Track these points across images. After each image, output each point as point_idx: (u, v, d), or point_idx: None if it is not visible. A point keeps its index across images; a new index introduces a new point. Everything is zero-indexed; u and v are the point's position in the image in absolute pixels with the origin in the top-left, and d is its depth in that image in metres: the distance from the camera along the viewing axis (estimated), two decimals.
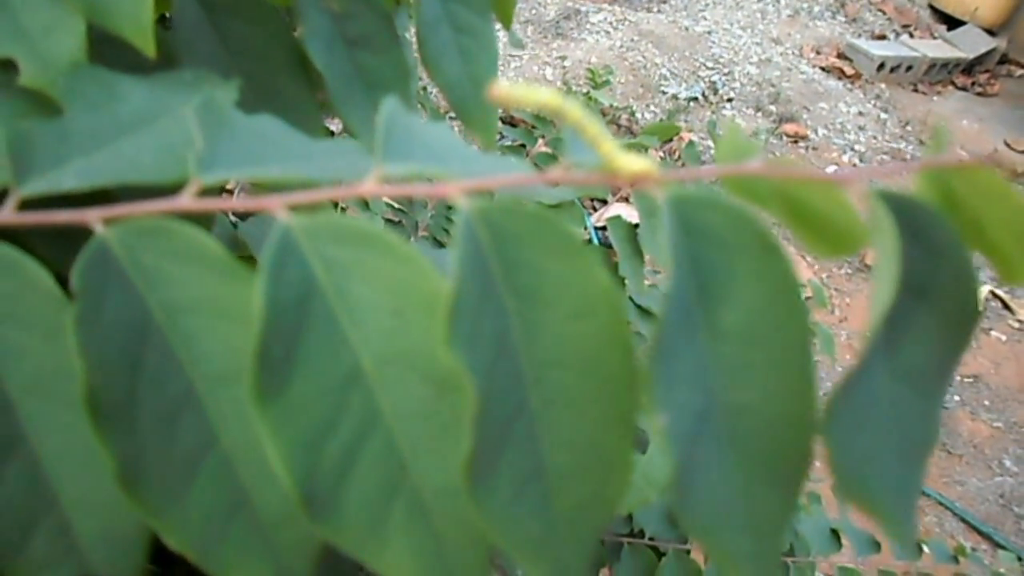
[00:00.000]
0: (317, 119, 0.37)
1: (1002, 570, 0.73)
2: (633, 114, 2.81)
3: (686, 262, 0.18)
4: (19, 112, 0.25)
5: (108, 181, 0.22)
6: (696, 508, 0.19)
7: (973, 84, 3.31)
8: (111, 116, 0.24)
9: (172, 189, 0.22)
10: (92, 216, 0.21)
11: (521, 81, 2.90)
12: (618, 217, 0.85)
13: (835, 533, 0.72)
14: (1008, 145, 2.98)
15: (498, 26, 0.45)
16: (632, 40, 3.26)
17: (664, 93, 3.02)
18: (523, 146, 1.21)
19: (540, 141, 1.19)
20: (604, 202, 2.27)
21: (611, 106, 2.82)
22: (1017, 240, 0.20)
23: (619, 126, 2.79)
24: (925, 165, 0.21)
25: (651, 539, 0.65)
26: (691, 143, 0.93)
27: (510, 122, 2.68)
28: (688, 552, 0.65)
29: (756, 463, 0.19)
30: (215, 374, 0.21)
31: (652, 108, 2.93)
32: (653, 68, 3.13)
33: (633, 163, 0.17)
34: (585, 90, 2.82)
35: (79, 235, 0.21)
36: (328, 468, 0.20)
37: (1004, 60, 3.44)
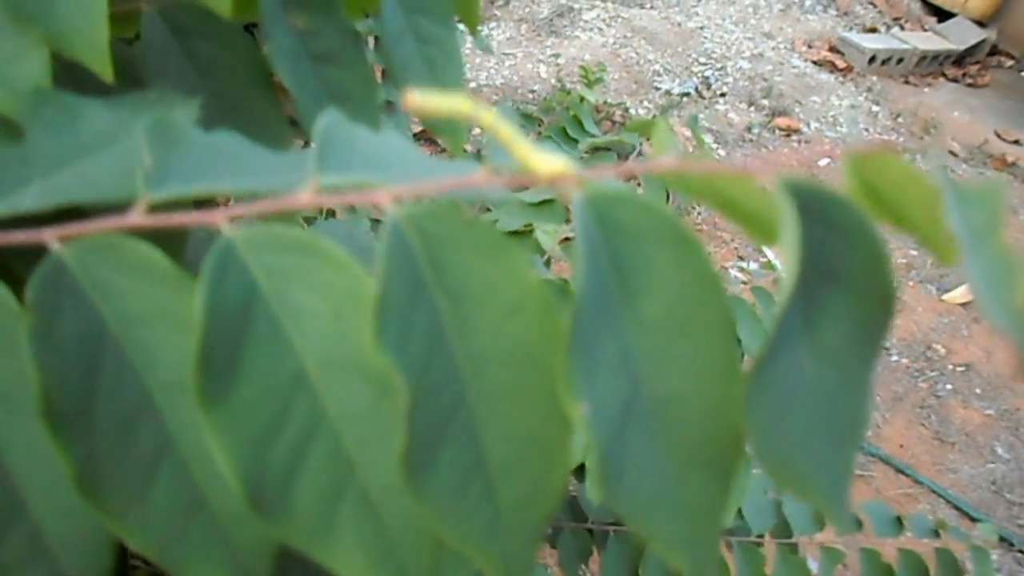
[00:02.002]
0: (286, 134, 0.37)
1: (980, 543, 0.73)
2: (627, 110, 2.81)
3: (603, 255, 0.19)
4: None
5: (64, 201, 0.22)
6: (628, 495, 0.19)
7: (964, 75, 3.29)
8: (73, 138, 0.25)
9: (127, 206, 0.22)
10: (48, 235, 0.21)
11: (516, 79, 2.90)
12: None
13: (818, 512, 0.72)
14: (998, 135, 2.96)
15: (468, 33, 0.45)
16: (625, 37, 3.26)
17: (657, 89, 3.02)
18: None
19: (530, 138, 1.20)
20: None
21: (605, 103, 2.82)
22: (932, 222, 0.20)
23: (613, 122, 2.79)
24: (845, 154, 0.21)
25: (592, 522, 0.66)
26: (671, 138, 0.94)
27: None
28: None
29: (686, 449, 0.20)
30: (170, 382, 0.22)
31: (646, 104, 2.93)
32: (646, 64, 3.14)
33: (549, 164, 0.18)
34: (579, 87, 2.82)
35: (42, 253, 0.21)
36: (275, 468, 0.20)
37: (994, 51, 3.42)
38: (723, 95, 3.03)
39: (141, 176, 0.22)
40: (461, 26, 0.45)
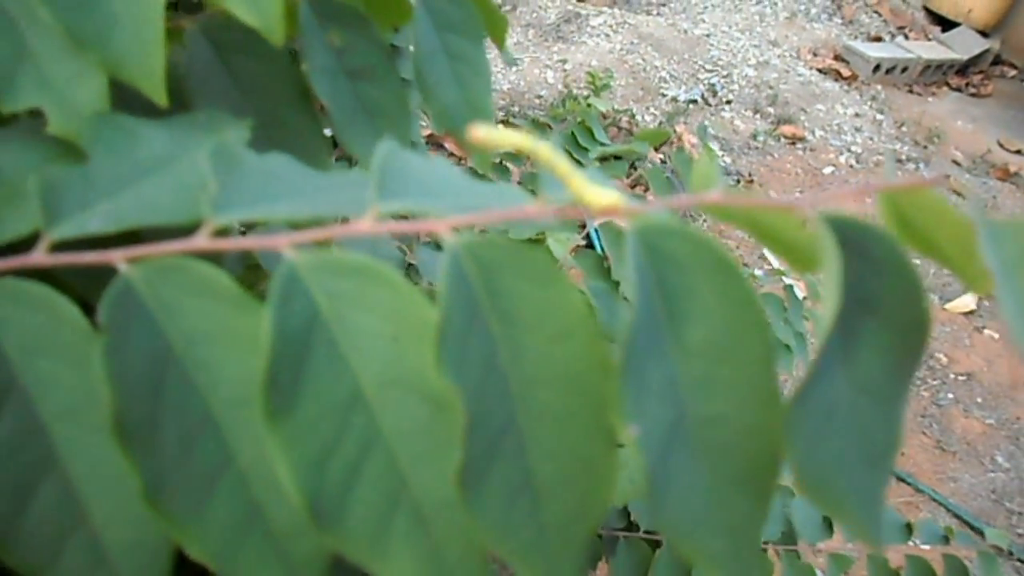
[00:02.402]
0: (324, 149, 0.38)
1: (990, 549, 0.74)
2: (633, 116, 2.82)
3: (652, 285, 0.20)
4: (47, 158, 0.27)
5: (130, 224, 0.23)
6: (671, 513, 0.20)
7: (967, 85, 3.30)
8: (132, 160, 0.26)
9: (189, 229, 0.23)
10: (116, 256, 0.22)
11: (523, 84, 2.90)
12: (609, 223, 0.87)
13: (827, 520, 0.73)
14: (1001, 145, 2.97)
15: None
16: (632, 43, 3.27)
17: (664, 96, 3.03)
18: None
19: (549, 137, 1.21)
20: None
21: (612, 109, 2.83)
22: (966, 253, 0.21)
23: (619, 128, 2.80)
24: (881, 189, 0.22)
25: (646, 532, 0.66)
26: (681, 149, 0.94)
27: (514, 124, 2.70)
28: None
29: (727, 469, 0.21)
30: (230, 399, 0.22)
31: (652, 111, 2.94)
32: (653, 71, 3.14)
33: (602, 197, 0.19)
34: (586, 93, 2.83)
35: (105, 272, 0.22)
36: (333, 483, 0.21)
37: (997, 61, 3.43)
38: (729, 102, 3.04)
39: (207, 202, 0.23)
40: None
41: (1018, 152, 2.95)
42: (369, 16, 0.39)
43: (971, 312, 2.28)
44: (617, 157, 1.18)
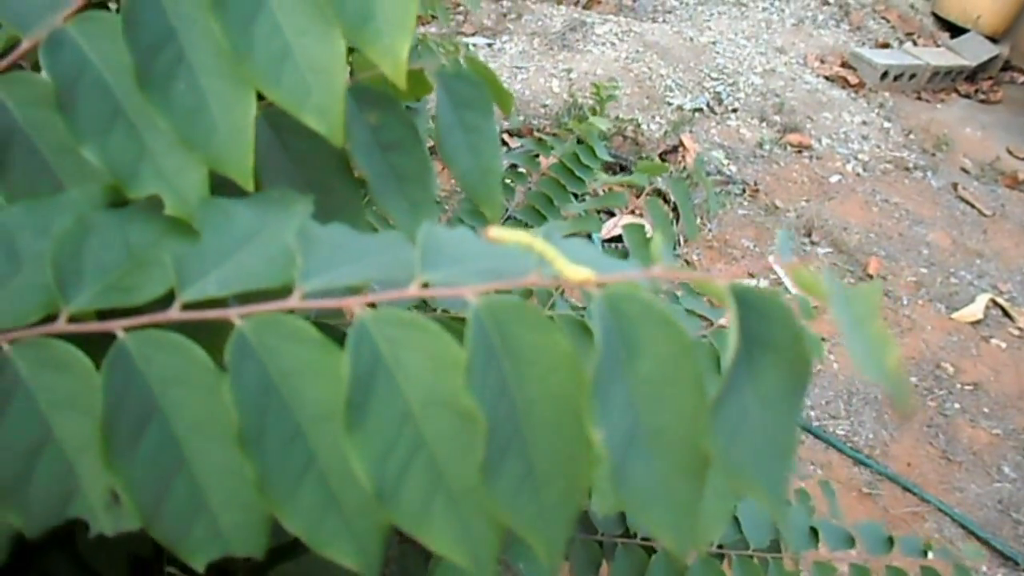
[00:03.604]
0: (361, 211, 0.48)
1: (967, 563, 0.83)
2: (639, 126, 2.92)
3: (613, 332, 0.29)
4: (163, 233, 0.37)
5: (235, 289, 0.33)
6: (630, 494, 0.30)
7: (976, 91, 3.40)
8: (230, 234, 0.36)
9: (280, 292, 0.33)
10: (232, 313, 0.32)
11: (528, 93, 3.00)
12: (634, 224, 0.96)
13: (813, 530, 0.82)
14: (1010, 152, 3.07)
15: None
16: (637, 51, 3.38)
17: (669, 104, 3.13)
18: (535, 155, 1.33)
19: (543, 163, 1.31)
20: (612, 215, 2.39)
21: (617, 118, 2.92)
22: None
23: (625, 138, 2.90)
24: (785, 266, 0.32)
25: (643, 539, 0.76)
26: (699, 157, 1.04)
27: (519, 133, 2.80)
28: None
29: (670, 463, 0.30)
30: (315, 416, 0.32)
31: (657, 119, 3.04)
32: (658, 79, 3.25)
33: (578, 274, 0.29)
34: (591, 103, 2.94)
35: (222, 327, 0.32)
36: (391, 474, 0.31)
37: (1007, 67, 3.54)
38: (735, 111, 3.14)
39: (296, 272, 0.33)
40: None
41: None
42: (398, 97, 0.49)
43: (978, 322, 2.37)
44: (622, 185, 1.27)
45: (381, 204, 0.48)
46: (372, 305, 0.32)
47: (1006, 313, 2.39)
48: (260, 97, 0.42)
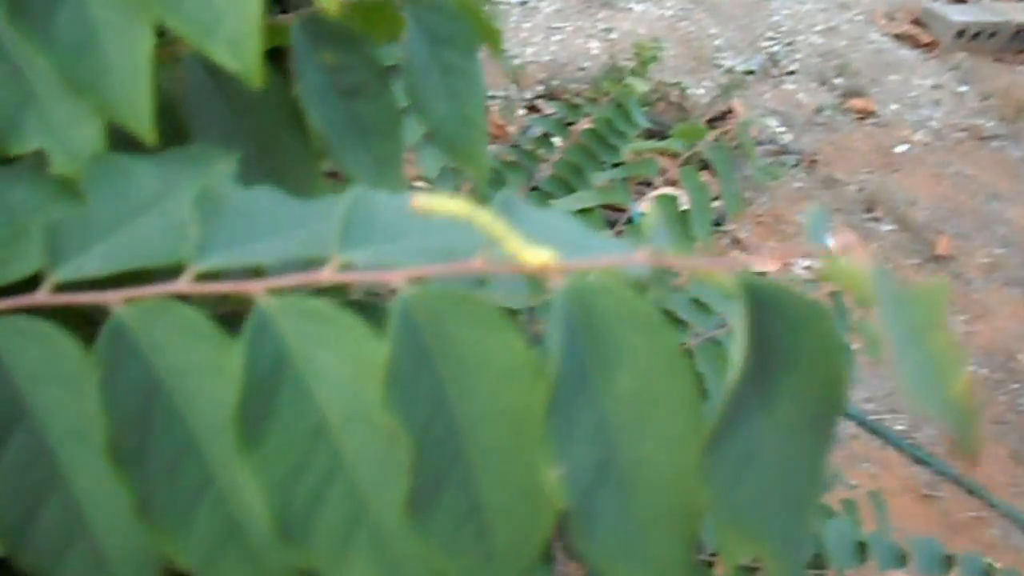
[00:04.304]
0: (314, 169, 0.43)
1: None
2: (684, 90, 2.81)
3: (581, 335, 0.24)
4: (52, 196, 0.32)
5: (122, 266, 0.28)
6: (598, 545, 0.24)
7: None
8: (126, 200, 0.31)
9: (175, 271, 0.28)
10: (111, 297, 0.27)
11: (564, 55, 2.90)
12: (665, 196, 0.90)
13: (861, 545, 0.76)
14: None
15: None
16: (684, 8, 3.26)
17: (719, 67, 3.02)
18: (569, 123, 1.27)
19: (585, 119, 1.25)
20: (649, 184, 2.30)
21: (660, 82, 2.82)
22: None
23: (669, 103, 2.80)
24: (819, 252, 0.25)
25: None
26: (744, 122, 0.96)
27: (553, 96, 2.72)
28: None
29: (652, 508, 0.25)
30: (211, 426, 0.27)
31: (705, 82, 2.93)
32: (707, 39, 3.13)
33: (535, 256, 0.23)
34: (632, 65, 2.83)
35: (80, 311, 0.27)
36: (299, 504, 0.26)
37: None
38: (791, 73, 3.01)
39: (190, 247, 0.27)
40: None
41: None
42: (361, 34, 0.43)
43: None
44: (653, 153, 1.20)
45: (340, 162, 0.42)
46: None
47: None
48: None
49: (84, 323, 0.27)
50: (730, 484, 0.24)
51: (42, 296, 0.28)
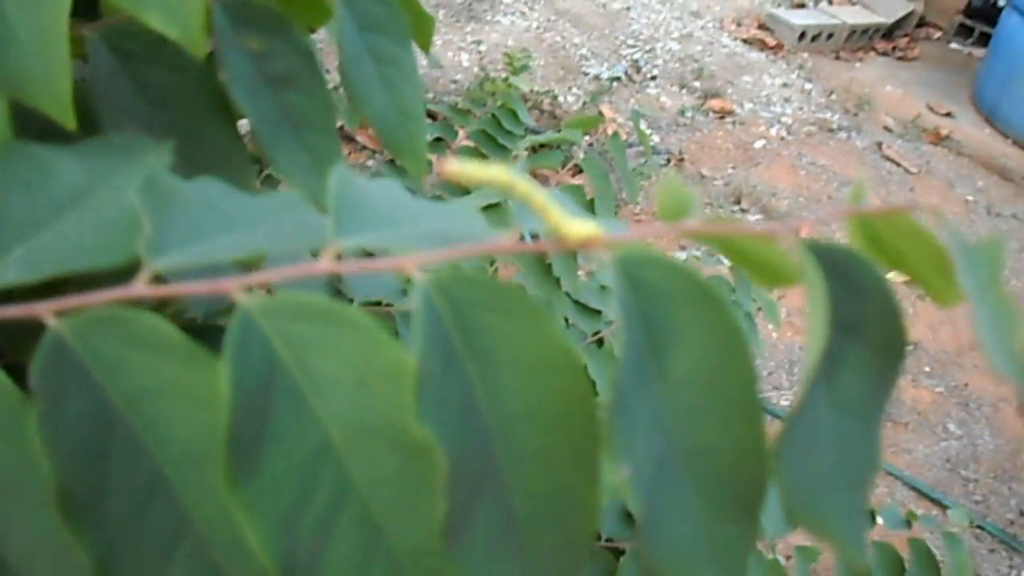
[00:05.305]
0: (247, 166, 0.38)
1: (954, 529, 0.79)
2: (555, 98, 2.85)
3: (635, 317, 0.21)
4: None
5: (51, 271, 0.23)
6: (664, 547, 0.21)
7: (894, 49, 3.49)
8: (46, 195, 0.25)
9: (122, 272, 0.23)
10: (43, 309, 0.22)
11: (436, 69, 2.88)
12: (572, 186, 0.87)
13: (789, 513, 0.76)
14: (931, 108, 3.15)
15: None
16: (549, 20, 3.30)
17: (586, 74, 3.07)
18: (440, 139, 1.24)
19: (461, 133, 1.22)
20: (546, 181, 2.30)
21: (532, 91, 2.84)
22: (938, 273, 0.23)
23: (542, 111, 2.82)
24: (852, 214, 0.23)
25: (607, 541, 0.68)
26: (616, 135, 0.96)
27: (430, 116, 2.68)
28: None
29: (715, 500, 0.22)
30: (183, 456, 0.22)
31: (575, 90, 2.98)
32: (573, 48, 3.18)
33: (581, 229, 0.19)
34: (504, 75, 2.84)
35: (36, 328, 0.22)
36: (306, 540, 0.21)
37: (922, 23, 3.64)
38: (654, 78, 3.11)
39: (143, 243, 0.22)
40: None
41: (947, 115, 3.13)
42: (288, 18, 0.38)
43: (911, 280, 2.42)
44: (553, 146, 1.19)
45: (271, 156, 0.37)
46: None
47: None
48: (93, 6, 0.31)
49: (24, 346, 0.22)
50: (799, 467, 0.21)
51: None
